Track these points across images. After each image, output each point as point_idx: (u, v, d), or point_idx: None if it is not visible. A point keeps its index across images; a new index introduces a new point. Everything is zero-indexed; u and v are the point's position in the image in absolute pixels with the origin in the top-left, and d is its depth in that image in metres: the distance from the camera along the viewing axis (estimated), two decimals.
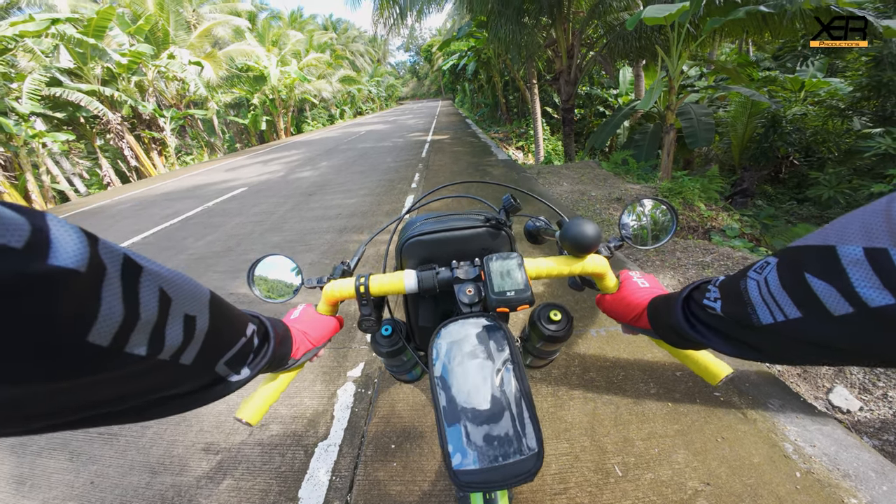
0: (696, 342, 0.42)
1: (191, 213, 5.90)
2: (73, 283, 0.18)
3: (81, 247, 0.19)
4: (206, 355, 0.30)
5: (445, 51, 18.23)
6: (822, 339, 0.28)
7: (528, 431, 0.44)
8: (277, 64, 18.84)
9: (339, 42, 40.12)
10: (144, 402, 0.27)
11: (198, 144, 17.17)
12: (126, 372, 0.23)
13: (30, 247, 0.16)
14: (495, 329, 0.52)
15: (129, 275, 0.22)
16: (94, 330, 0.19)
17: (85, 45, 9.48)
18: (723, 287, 0.38)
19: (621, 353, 1.85)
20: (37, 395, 0.19)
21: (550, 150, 10.79)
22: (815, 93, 7.69)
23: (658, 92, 5.27)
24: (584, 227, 0.56)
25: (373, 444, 1.48)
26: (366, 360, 2.00)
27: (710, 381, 0.52)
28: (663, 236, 0.62)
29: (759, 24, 4.59)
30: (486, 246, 0.66)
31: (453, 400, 0.46)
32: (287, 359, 0.51)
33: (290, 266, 0.67)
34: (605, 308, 0.61)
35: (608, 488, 1.24)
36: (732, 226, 4.05)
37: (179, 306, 0.26)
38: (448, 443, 0.44)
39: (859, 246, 0.24)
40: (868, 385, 1.72)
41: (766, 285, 0.31)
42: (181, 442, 1.60)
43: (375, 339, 0.69)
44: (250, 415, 0.52)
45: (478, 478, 0.42)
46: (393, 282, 0.60)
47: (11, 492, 1.46)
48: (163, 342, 0.24)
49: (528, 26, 7.13)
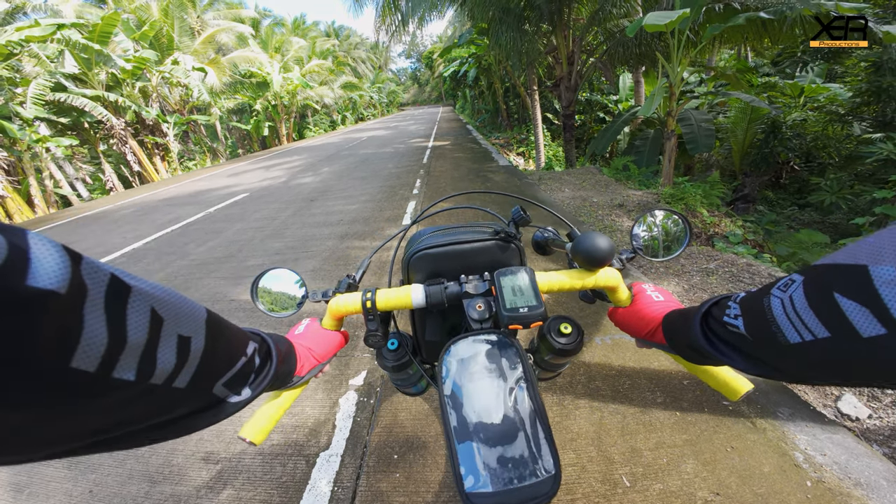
0: (714, 360, 0.41)
1: (192, 218, 5.91)
2: (53, 306, 0.17)
3: (62, 267, 0.18)
4: (203, 378, 0.29)
5: (446, 57, 18.40)
6: (850, 360, 0.28)
7: (544, 452, 0.42)
8: (280, 70, 19.03)
9: (342, 49, 40.54)
10: (141, 428, 0.26)
11: (200, 150, 17.28)
12: (116, 398, 0.21)
13: (6, 266, 0.15)
14: (507, 346, 0.51)
15: (116, 295, 0.21)
16: (78, 355, 0.18)
17: (90, 50, 9.59)
18: (744, 304, 0.37)
19: (627, 361, 1.83)
20: (24, 423, 0.18)
21: (551, 156, 10.83)
22: (815, 98, 7.73)
23: (659, 98, 5.30)
24: (598, 241, 0.54)
25: (375, 455, 1.46)
26: (368, 368, 1.98)
27: (730, 396, 0.50)
28: (675, 248, 0.61)
29: (759, 31, 4.63)
30: (495, 259, 0.65)
31: (465, 419, 0.44)
32: (291, 376, 0.50)
33: (294, 279, 0.66)
34: (618, 321, 0.60)
35: (616, 499, 1.22)
36: (735, 232, 4.04)
37: (172, 327, 0.25)
38: (460, 464, 0.42)
39: (893, 266, 0.23)
40: (877, 392, 1.70)
41: (791, 304, 0.30)
42: (181, 451, 1.58)
43: (381, 353, 0.68)
44: (254, 434, 0.50)
45: (492, 501, 0.40)
46: (400, 296, 0.59)
47: (9, 499, 1.44)
48: (154, 366, 0.23)
49: (529, 33, 7.20)
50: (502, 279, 0.55)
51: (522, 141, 14.39)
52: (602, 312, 2.21)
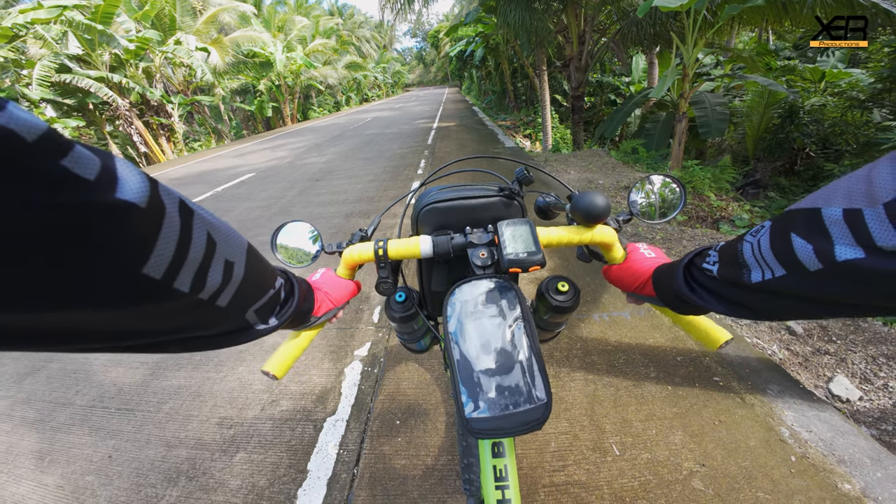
0: (695, 305, 0.44)
1: (200, 197, 5.96)
2: (136, 217, 0.20)
3: (143, 186, 0.21)
4: (239, 301, 0.32)
5: (453, 36, 17.87)
6: (802, 294, 0.31)
7: (538, 383, 0.46)
8: (283, 50, 18.66)
9: (346, 28, 39.50)
10: (185, 338, 0.30)
11: (205, 131, 17.21)
12: (171, 306, 0.25)
13: (100, 179, 0.18)
14: (507, 289, 0.55)
15: (185, 216, 0.24)
16: (150, 263, 0.21)
17: (93, 31, 9.48)
18: (722, 251, 0.40)
19: (623, 337, 1.87)
20: (98, 318, 0.21)
21: (558, 139, 10.63)
22: (836, 83, 7.44)
23: (671, 79, 5.15)
24: (595, 198, 0.58)
25: (378, 420, 1.54)
26: (372, 339, 2.05)
27: (710, 346, 0.54)
28: (671, 212, 0.64)
29: (779, 12, 4.43)
30: (499, 215, 0.68)
31: (467, 353, 0.49)
32: (309, 315, 0.54)
33: (310, 233, 0.70)
34: (611, 278, 0.63)
35: (605, 466, 1.28)
36: (742, 216, 4.00)
37: (222, 251, 0.28)
38: (461, 393, 0.46)
39: (840, 207, 0.26)
40: (869, 375, 1.72)
41: (758, 246, 0.33)
42: (196, 417, 1.66)
43: (390, 304, 0.72)
44: (276, 368, 0.55)
45: (490, 425, 0.44)
46: (409, 246, 0.63)
47: (31, 466, 1.50)
48: (204, 282, 0.26)
49: (539, 11, 6.95)
50: (504, 228, 0.58)
51: (529, 123, 14.11)
52: (600, 291, 2.24)
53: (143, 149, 12.42)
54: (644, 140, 7.68)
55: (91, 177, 0.18)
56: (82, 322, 0.21)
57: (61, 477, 1.45)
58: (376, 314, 2.27)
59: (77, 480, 1.43)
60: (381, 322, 2.20)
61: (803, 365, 1.81)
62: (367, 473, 1.33)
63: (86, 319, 0.21)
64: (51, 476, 1.46)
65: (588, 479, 1.25)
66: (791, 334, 1.97)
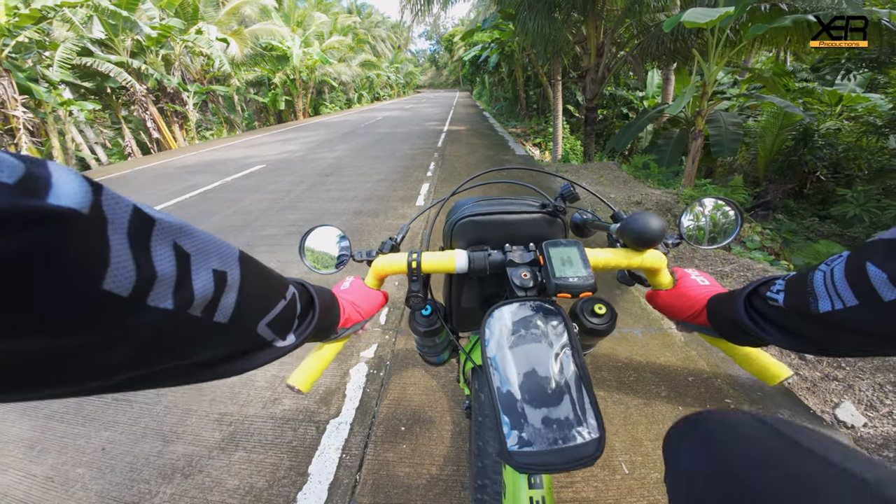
0: (754, 336, 0.42)
1: (210, 186, 5.98)
2: (77, 224, 0.17)
3: (84, 191, 0.18)
4: (244, 314, 0.29)
5: (468, 41, 17.94)
6: (873, 327, 0.29)
7: (589, 416, 0.43)
8: (301, 45, 18.82)
9: (363, 26, 39.77)
10: (193, 364, 0.27)
11: (217, 120, 17.33)
12: (156, 326, 0.22)
13: (24, 183, 0.16)
14: (554, 314, 0.51)
15: (139, 226, 0.21)
16: (109, 278, 0.18)
17: (118, 16, 9.60)
18: (790, 280, 0.38)
19: (634, 354, 1.84)
20: (63, 351, 0.18)
21: (568, 150, 10.62)
22: (853, 108, 7.40)
23: (689, 96, 5.13)
24: (649, 221, 0.54)
25: (383, 425, 1.51)
26: (378, 342, 2.02)
27: (769, 381, 0.51)
28: (721, 238, 0.61)
29: (804, 33, 4.41)
30: (540, 233, 0.65)
31: (509, 381, 0.45)
32: (335, 328, 0.52)
33: (339, 238, 0.68)
34: (658, 304, 0.60)
35: (614, 485, 1.25)
36: (753, 238, 3.96)
37: (202, 261, 0.25)
38: (504, 424, 0.43)
39: None
40: (875, 402, 1.70)
41: (831, 276, 0.32)
42: (195, 411, 1.62)
43: (415, 317, 0.70)
44: (301, 382, 0.53)
45: (538, 460, 0.41)
46: (444, 260, 0.60)
47: (20, 456, 1.44)
48: (191, 296, 0.24)
49: (558, 21, 6.96)
50: (551, 250, 0.56)
51: (540, 132, 14.11)
52: (618, 304, 2.21)
53: (156, 135, 12.51)
54: (656, 156, 7.65)
55: (10, 180, 0.15)
56: (49, 353, 0.18)
57: (51, 468, 1.39)
58: (383, 316, 2.25)
59: (68, 472, 1.38)
60: (388, 324, 2.17)
61: (811, 390, 1.78)
62: (369, 480, 1.30)
63: (52, 349, 0.18)
64: (39, 466, 1.40)
65: (597, 497, 1.22)
66: (801, 359, 1.95)
